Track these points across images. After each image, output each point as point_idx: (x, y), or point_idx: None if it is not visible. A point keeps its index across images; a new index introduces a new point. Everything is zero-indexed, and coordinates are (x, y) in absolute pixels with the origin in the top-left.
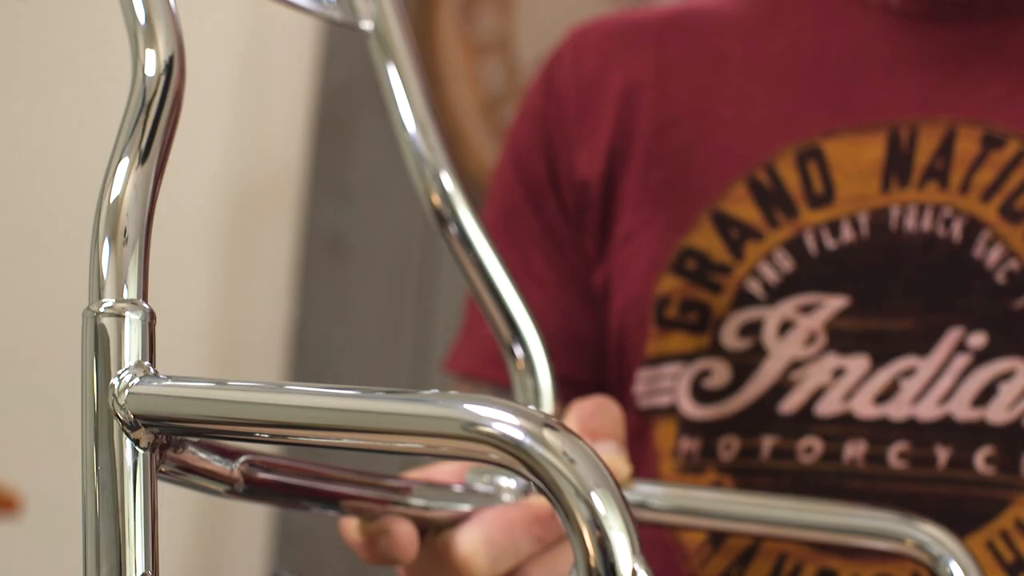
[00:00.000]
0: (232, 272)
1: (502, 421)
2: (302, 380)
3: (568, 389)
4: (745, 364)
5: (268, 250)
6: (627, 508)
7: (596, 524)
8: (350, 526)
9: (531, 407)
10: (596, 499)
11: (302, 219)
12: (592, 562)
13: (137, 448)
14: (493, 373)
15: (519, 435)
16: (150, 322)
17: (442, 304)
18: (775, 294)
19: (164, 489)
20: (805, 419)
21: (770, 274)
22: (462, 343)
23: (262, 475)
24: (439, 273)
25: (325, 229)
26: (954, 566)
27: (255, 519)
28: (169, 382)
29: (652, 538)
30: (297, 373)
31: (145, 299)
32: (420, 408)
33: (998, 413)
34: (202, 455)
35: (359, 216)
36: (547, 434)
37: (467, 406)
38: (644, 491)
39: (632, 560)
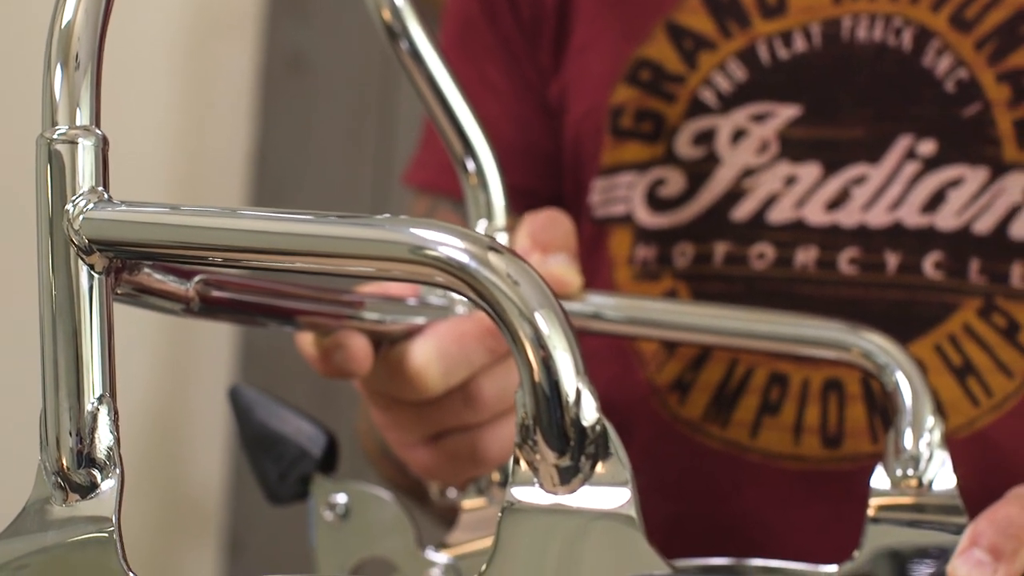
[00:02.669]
0: (192, 92)
1: (448, 244)
2: (264, 200)
3: (525, 200)
4: (699, 172)
5: (227, 69)
6: (571, 328)
7: (540, 344)
8: (306, 340)
9: (479, 229)
10: (540, 319)
11: (261, 37)
12: (537, 381)
13: (92, 272)
14: (449, 185)
15: (464, 258)
16: (103, 147)
17: (403, 121)
18: (728, 103)
19: (128, 312)
20: (757, 226)
21: (723, 83)
22: (420, 156)
23: (216, 293)
24: (400, 90)
25: (285, 47)
26: (899, 375)
27: (219, 341)
28: (123, 207)
29: (609, 345)
30: (258, 193)
31: (98, 125)
32: (369, 232)
33: (947, 219)
34: (157, 276)
35: (319, 33)
36: (491, 256)
37: (414, 230)
38: (596, 302)
39: (576, 379)
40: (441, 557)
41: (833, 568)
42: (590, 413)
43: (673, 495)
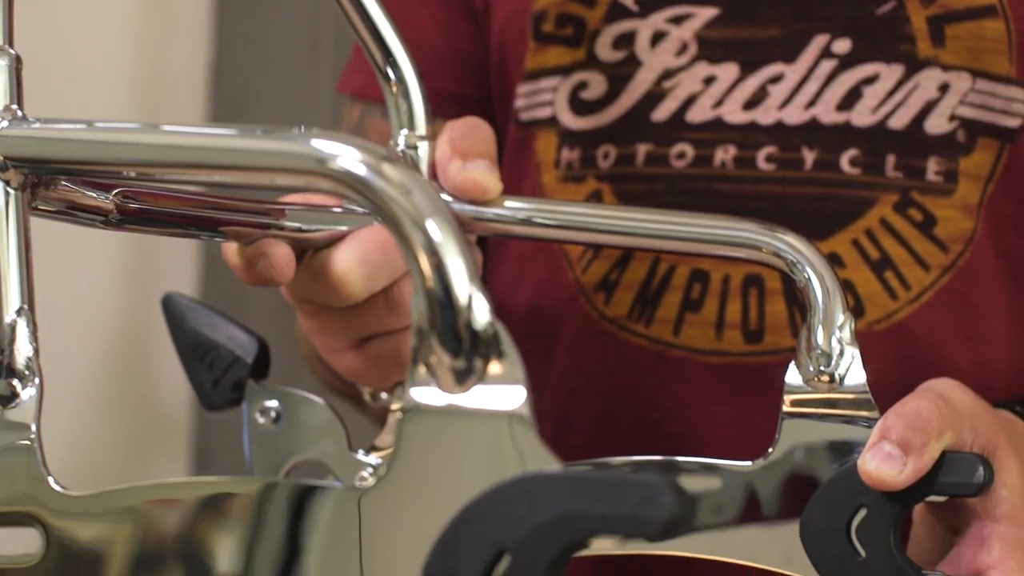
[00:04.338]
0: (149, 11)
1: (345, 156)
2: (222, 118)
3: (454, 105)
4: (620, 75)
5: None
6: (463, 235)
7: (432, 251)
8: (230, 250)
9: (400, 138)
10: (431, 227)
11: None
12: (429, 286)
13: (8, 188)
14: (379, 93)
15: (360, 169)
16: (17, 67)
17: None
18: (647, 6)
19: (89, 233)
20: (677, 126)
21: None
22: (352, 64)
23: (135, 205)
24: None
25: None
26: (809, 272)
27: (183, 257)
28: (38, 124)
29: (537, 248)
30: (217, 113)
31: (11, 45)
32: (273, 145)
33: (862, 116)
34: (76, 190)
35: None
36: (386, 167)
37: (315, 142)
38: (515, 207)
39: (468, 284)
40: (371, 459)
41: (748, 463)
42: (482, 316)
43: (601, 393)
